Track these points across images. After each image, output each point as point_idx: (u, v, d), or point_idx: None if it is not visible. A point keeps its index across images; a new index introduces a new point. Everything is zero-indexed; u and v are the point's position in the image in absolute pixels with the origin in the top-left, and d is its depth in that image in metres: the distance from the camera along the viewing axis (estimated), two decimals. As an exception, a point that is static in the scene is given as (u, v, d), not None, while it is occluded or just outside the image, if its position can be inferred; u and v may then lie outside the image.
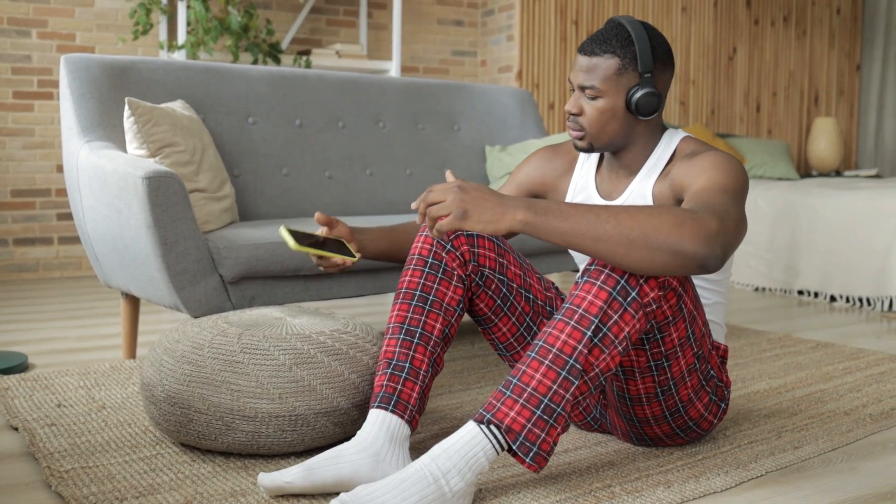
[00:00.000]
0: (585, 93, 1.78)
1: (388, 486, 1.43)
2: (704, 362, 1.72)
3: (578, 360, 1.50)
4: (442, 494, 1.45)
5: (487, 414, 1.50)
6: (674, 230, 1.42)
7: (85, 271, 4.42)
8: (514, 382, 1.52)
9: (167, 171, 2.14)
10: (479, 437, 1.49)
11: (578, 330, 1.51)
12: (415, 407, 1.67)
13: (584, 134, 1.81)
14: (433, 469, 1.46)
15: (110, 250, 2.38)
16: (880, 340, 3.13)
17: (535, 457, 1.48)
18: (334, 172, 3.00)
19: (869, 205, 3.88)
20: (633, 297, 1.52)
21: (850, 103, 6.59)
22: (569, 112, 1.81)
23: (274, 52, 4.42)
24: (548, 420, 1.49)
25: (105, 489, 1.58)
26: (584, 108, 1.79)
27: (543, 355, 1.51)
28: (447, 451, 1.48)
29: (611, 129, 1.79)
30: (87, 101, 2.49)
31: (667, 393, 1.70)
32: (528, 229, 1.44)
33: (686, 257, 1.42)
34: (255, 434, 1.69)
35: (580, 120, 1.80)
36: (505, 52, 5.20)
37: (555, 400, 1.49)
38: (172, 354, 1.76)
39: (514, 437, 1.48)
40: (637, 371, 1.66)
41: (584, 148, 1.83)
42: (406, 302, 1.73)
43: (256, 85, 2.90)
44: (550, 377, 1.49)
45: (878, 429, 2.01)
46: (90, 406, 2.08)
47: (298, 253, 1.76)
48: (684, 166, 1.74)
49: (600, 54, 1.76)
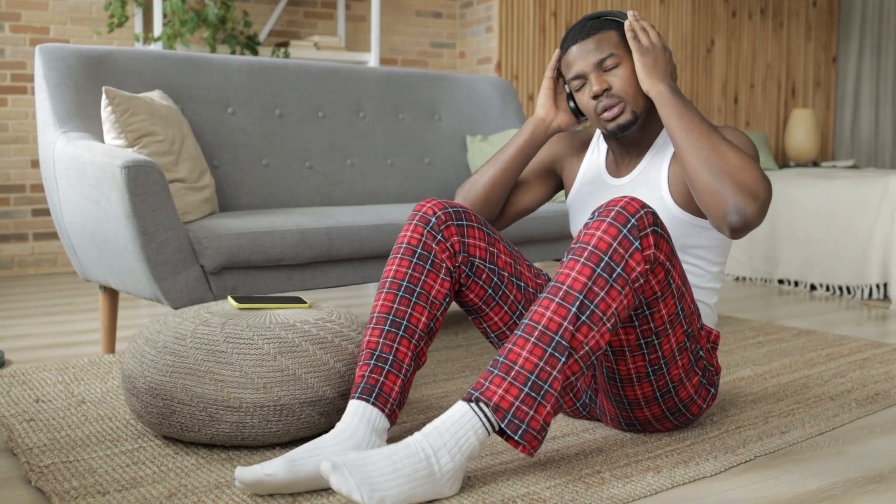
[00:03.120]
0: (605, 66, 1.80)
1: (379, 455, 1.41)
2: (694, 341, 1.71)
3: (564, 337, 1.49)
4: (431, 472, 1.43)
5: (475, 392, 1.48)
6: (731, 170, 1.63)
7: (61, 267, 4.36)
8: (500, 361, 1.50)
9: (146, 161, 2.11)
10: (469, 414, 1.47)
11: (563, 306, 1.50)
12: (395, 401, 1.65)
13: (624, 104, 1.80)
14: (424, 446, 1.44)
15: (88, 242, 2.34)
16: (861, 327, 3.15)
17: (524, 434, 1.47)
18: (315, 163, 2.97)
19: (848, 194, 3.90)
20: (618, 273, 1.51)
21: (827, 95, 6.63)
22: (599, 92, 1.80)
23: (251, 45, 4.37)
24: (536, 397, 1.47)
25: (86, 483, 1.55)
26: (611, 80, 1.81)
27: (529, 333, 1.50)
28: (437, 428, 1.46)
29: (642, 92, 1.81)
30: (62, 91, 2.45)
31: (658, 372, 1.69)
32: (658, 97, 1.73)
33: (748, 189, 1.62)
34: (239, 425, 1.66)
35: (613, 92, 1.80)
36: (484, 44, 5.19)
37: (542, 377, 1.48)
38: (154, 345, 1.73)
39: (502, 415, 1.46)
40: (627, 350, 1.65)
41: (627, 121, 1.81)
42: (392, 292, 1.71)
43: (235, 75, 2.87)
44: (537, 354, 1.48)
45: (863, 413, 2.01)
46: (69, 401, 2.05)
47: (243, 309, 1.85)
48: None
49: (596, 32, 1.81)
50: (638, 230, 1.54)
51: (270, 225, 2.34)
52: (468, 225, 1.79)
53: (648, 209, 1.56)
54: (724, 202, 1.62)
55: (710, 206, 1.64)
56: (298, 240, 2.36)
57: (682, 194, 1.82)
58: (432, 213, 1.76)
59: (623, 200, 1.56)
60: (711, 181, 1.64)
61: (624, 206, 1.55)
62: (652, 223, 1.56)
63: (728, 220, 1.62)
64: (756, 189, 1.62)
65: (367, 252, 2.51)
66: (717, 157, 1.65)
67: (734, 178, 1.62)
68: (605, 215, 1.55)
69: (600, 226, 1.54)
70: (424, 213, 1.77)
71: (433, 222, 1.75)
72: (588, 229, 1.55)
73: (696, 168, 1.66)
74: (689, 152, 1.67)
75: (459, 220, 1.78)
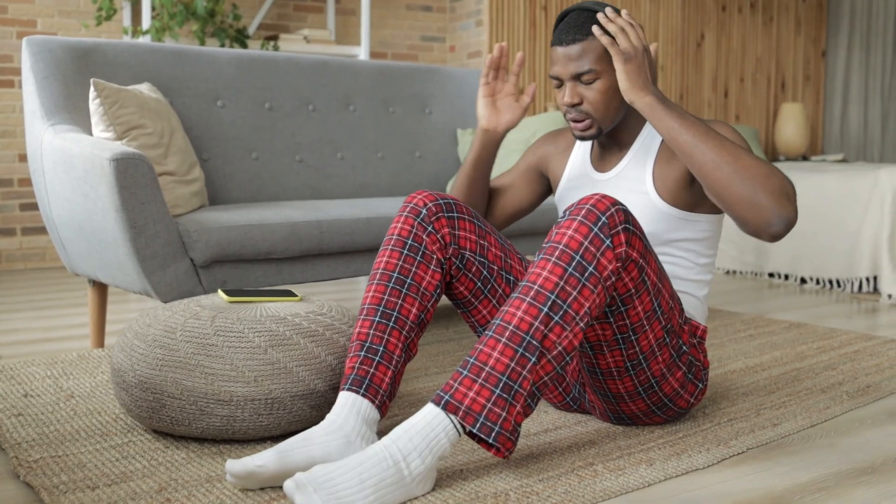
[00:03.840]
0: (582, 79, 1.77)
1: (346, 466, 1.39)
2: (675, 337, 1.70)
3: (535, 337, 1.47)
4: (401, 477, 1.41)
5: (445, 395, 1.47)
6: (760, 179, 1.59)
7: (49, 262, 4.33)
8: (471, 362, 1.48)
9: (135, 153, 2.09)
10: (440, 417, 1.45)
11: (534, 306, 1.48)
12: (386, 392, 1.64)
13: (591, 122, 1.80)
14: (393, 451, 1.42)
15: (77, 236, 2.33)
16: (851, 320, 3.15)
17: (497, 437, 1.45)
18: (305, 156, 2.96)
19: (838, 188, 3.91)
20: (590, 272, 1.50)
21: (816, 89, 6.64)
22: (569, 104, 1.79)
23: (241, 38, 4.35)
24: (507, 398, 1.46)
25: (76, 478, 1.53)
26: (584, 94, 1.78)
27: (500, 333, 1.48)
28: (408, 432, 1.44)
29: (614, 107, 1.80)
30: (50, 83, 2.43)
31: (637, 367, 1.68)
32: (648, 110, 1.67)
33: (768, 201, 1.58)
34: (230, 418, 1.65)
35: (583, 108, 1.79)
36: (474, 38, 5.18)
37: (512, 377, 1.46)
38: (144, 339, 1.71)
39: (473, 419, 1.45)
40: (604, 344, 1.64)
41: (592, 135, 1.81)
42: (383, 283, 1.69)
43: (224, 68, 2.85)
44: (508, 354, 1.47)
45: (855, 405, 2.02)
46: (58, 395, 2.03)
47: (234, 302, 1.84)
48: None
49: (583, 39, 1.76)
50: (609, 228, 1.52)
51: (261, 218, 2.32)
52: (459, 217, 1.78)
53: (620, 206, 1.55)
54: (765, 212, 1.58)
55: (748, 217, 1.60)
56: (289, 233, 2.34)
57: (668, 189, 1.80)
58: (423, 204, 1.75)
59: (594, 198, 1.54)
60: (747, 194, 1.59)
61: (594, 204, 1.53)
62: (623, 220, 1.54)
63: (771, 229, 1.59)
64: (789, 191, 1.60)
65: (358, 245, 2.50)
66: (743, 169, 1.60)
67: (767, 187, 1.58)
68: (575, 214, 1.54)
69: (571, 224, 1.52)
70: (415, 204, 1.76)
71: (424, 214, 1.74)
72: (559, 228, 1.54)
73: (725, 183, 1.61)
74: (711, 169, 1.62)
75: (450, 212, 1.77)
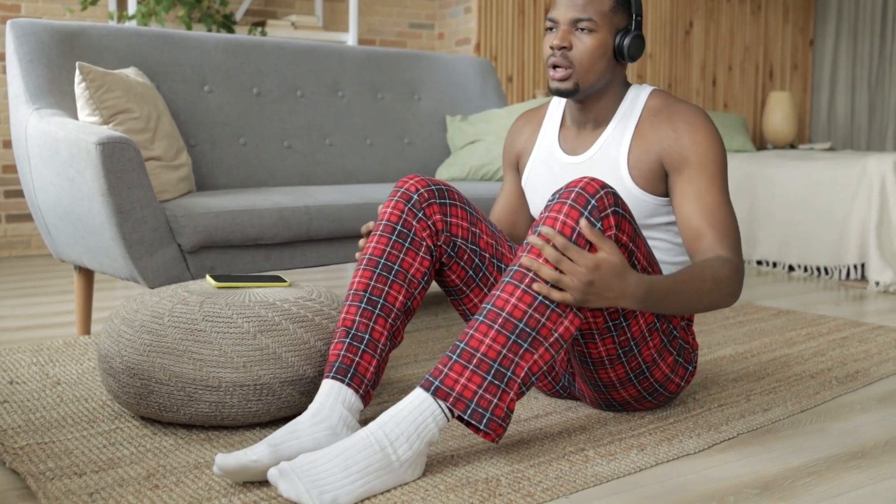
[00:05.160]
0: (578, 26, 1.73)
1: (330, 454, 1.38)
2: (666, 321, 1.70)
3: (529, 324, 1.46)
4: (389, 462, 1.40)
5: (435, 381, 1.45)
6: (726, 298, 1.65)
7: (35, 250, 4.29)
8: (461, 347, 1.47)
9: (122, 137, 2.07)
10: (428, 402, 1.44)
11: (529, 294, 1.47)
12: (370, 381, 1.62)
13: (571, 72, 1.74)
14: (380, 437, 1.41)
15: (63, 221, 2.30)
16: (840, 307, 3.16)
17: (488, 423, 1.45)
18: (293, 142, 2.93)
19: (826, 175, 3.91)
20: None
21: (804, 78, 6.65)
22: (557, 46, 1.73)
23: (228, 24, 4.31)
24: (499, 385, 1.45)
25: (62, 464, 1.52)
26: (575, 42, 1.74)
27: (492, 319, 1.47)
28: (395, 417, 1.43)
29: (598, 69, 1.75)
30: (35, 67, 2.39)
31: (629, 354, 1.67)
32: (632, 311, 1.60)
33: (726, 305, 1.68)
34: (218, 405, 1.63)
35: (569, 54, 1.74)
36: (462, 25, 5.15)
37: (504, 364, 1.45)
38: (131, 324, 1.69)
39: (464, 405, 1.44)
40: (596, 332, 1.63)
41: (567, 90, 1.75)
42: (369, 269, 1.68)
43: (212, 53, 2.82)
44: (500, 341, 1.46)
45: (844, 391, 2.02)
46: (44, 382, 2.01)
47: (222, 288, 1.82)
48: (665, 129, 1.74)
49: None
50: (599, 211, 1.51)
51: (249, 204, 2.30)
52: (451, 203, 1.76)
53: (609, 189, 1.53)
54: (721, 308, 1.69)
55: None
56: (277, 219, 2.33)
57: (643, 176, 1.77)
58: (414, 189, 1.74)
59: (583, 181, 1.53)
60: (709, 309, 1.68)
61: (584, 188, 1.52)
62: (612, 203, 1.53)
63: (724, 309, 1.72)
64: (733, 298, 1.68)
65: (347, 231, 2.48)
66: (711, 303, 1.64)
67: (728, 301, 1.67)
68: (565, 197, 1.52)
69: (561, 208, 1.51)
70: (406, 189, 1.74)
71: (415, 199, 1.73)
72: (549, 212, 1.52)
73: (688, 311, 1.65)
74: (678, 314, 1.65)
75: (442, 199, 1.75)
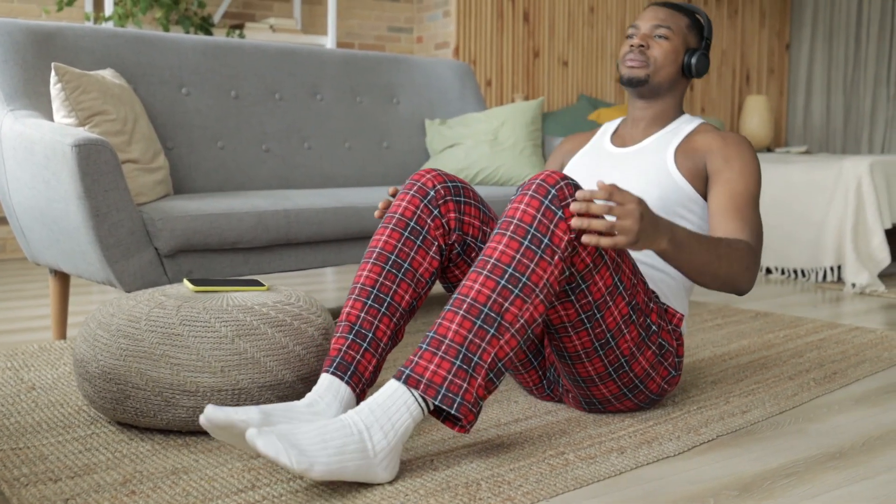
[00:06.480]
0: (657, 33, 1.92)
1: (309, 427, 1.39)
2: (642, 315, 1.70)
3: (493, 309, 1.48)
4: (364, 448, 1.40)
5: (406, 370, 1.46)
6: (743, 273, 1.71)
7: (10, 254, 4.25)
8: (430, 336, 1.49)
9: (98, 139, 2.05)
10: (400, 391, 1.45)
11: (491, 279, 1.49)
12: (367, 381, 1.63)
13: (646, 64, 1.91)
14: (356, 420, 1.42)
15: (38, 224, 2.27)
16: (817, 309, 3.18)
17: (459, 407, 1.45)
18: (271, 146, 2.92)
19: (802, 179, 3.94)
20: (546, 244, 1.51)
21: (780, 82, 6.70)
22: (636, 45, 1.92)
23: (205, 26, 4.29)
24: (467, 370, 1.46)
25: (37, 470, 1.50)
26: (652, 45, 1.92)
27: (458, 306, 1.49)
28: (369, 405, 1.44)
29: (668, 71, 1.93)
30: (10, 67, 2.37)
31: (605, 347, 1.67)
32: (663, 255, 1.59)
33: (739, 289, 1.74)
34: (196, 410, 1.62)
35: (646, 52, 1.92)
36: (441, 29, 5.15)
37: (471, 349, 1.46)
38: (107, 329, 1.68)
39: (434, 391, 1.44)
40: (569, 325, 1.64)
41: (639, 78, 1.91)
42: (379, 264, 1.68)
43: (189, 55, 2.80)
44: (466, 326, 1.47)
45: (822, 392, 2.03)
46: (19, 387, 1.98)
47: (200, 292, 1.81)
48: (715, 138, 1.90)
49: (675, 11, 1.95)
50: (559, 200, 1.53)
51: (227, 207, 2.29)
52: (466, 202, 1.77)
53: (569, 181, 1.55)
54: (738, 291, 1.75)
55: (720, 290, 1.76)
56: (256, 222, 2.31)
57: (686, 168, 1.88)
58: (432, 185, 1.73)
59: (543, 174, 1.56)
60: (725, 287, 1.73)
61: (544, 179, 1.55)
62: (573, 194, 1.55)
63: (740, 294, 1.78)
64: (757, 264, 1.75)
65: (327, 235, 2.47)
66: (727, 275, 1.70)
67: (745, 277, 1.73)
68: (526, 189, 1.55)
69: (523, 199, 1.54)
70: (423, 184, 1.73)
71: (431, 195, 1.73)
72: (511, 204, 1.55)
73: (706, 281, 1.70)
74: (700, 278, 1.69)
75: (458, 196, 1.76)
